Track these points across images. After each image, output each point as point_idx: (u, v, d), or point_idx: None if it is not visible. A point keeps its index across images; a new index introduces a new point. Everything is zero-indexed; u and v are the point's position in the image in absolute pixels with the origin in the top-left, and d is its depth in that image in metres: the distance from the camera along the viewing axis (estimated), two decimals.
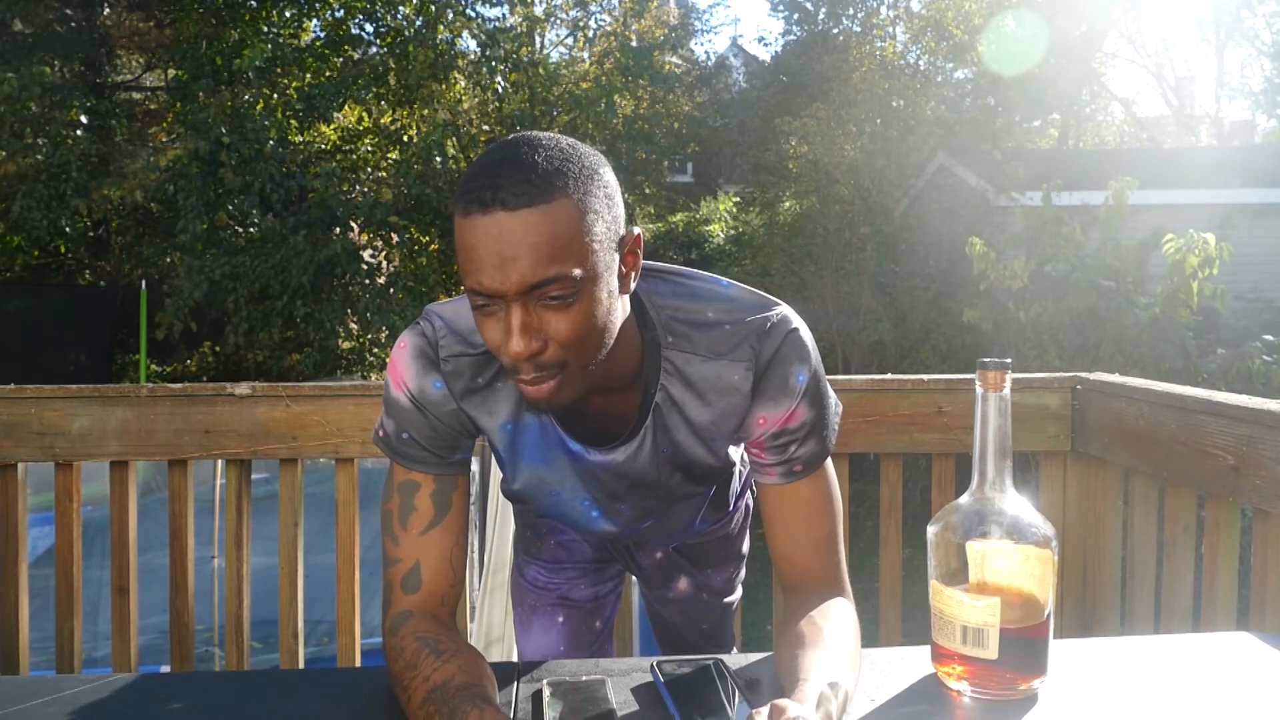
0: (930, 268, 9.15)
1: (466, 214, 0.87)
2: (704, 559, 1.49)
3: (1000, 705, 0.93)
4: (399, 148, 11.29)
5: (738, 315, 1.04)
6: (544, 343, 0.90)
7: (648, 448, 1.10)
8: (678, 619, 1.54)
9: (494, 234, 0.86)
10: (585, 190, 0.89)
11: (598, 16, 12.82)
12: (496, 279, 0.87)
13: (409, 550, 1.04)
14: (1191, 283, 4.95)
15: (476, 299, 0.90)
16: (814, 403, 1.06)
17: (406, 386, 1.05)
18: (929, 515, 1.13)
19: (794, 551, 1.10)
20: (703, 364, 1.04)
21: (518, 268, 0.86)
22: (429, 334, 1.06)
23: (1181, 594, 1.64)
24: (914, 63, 13.43)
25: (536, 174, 0.86)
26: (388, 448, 1.07)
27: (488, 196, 0.86)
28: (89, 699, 0.98)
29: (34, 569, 1.96)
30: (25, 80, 9.50)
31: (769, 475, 1.09)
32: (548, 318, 0.89)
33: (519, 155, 0.88)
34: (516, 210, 0.85)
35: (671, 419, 1.08)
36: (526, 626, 1.48)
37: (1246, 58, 33.29)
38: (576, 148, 0.92)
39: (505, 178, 0.86)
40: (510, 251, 0.86)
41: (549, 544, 1.46)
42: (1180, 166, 12.18)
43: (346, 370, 10.70)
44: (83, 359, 10.68)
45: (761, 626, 4.16)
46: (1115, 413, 1.79)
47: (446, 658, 0.93)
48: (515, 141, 0.91)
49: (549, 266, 0.87)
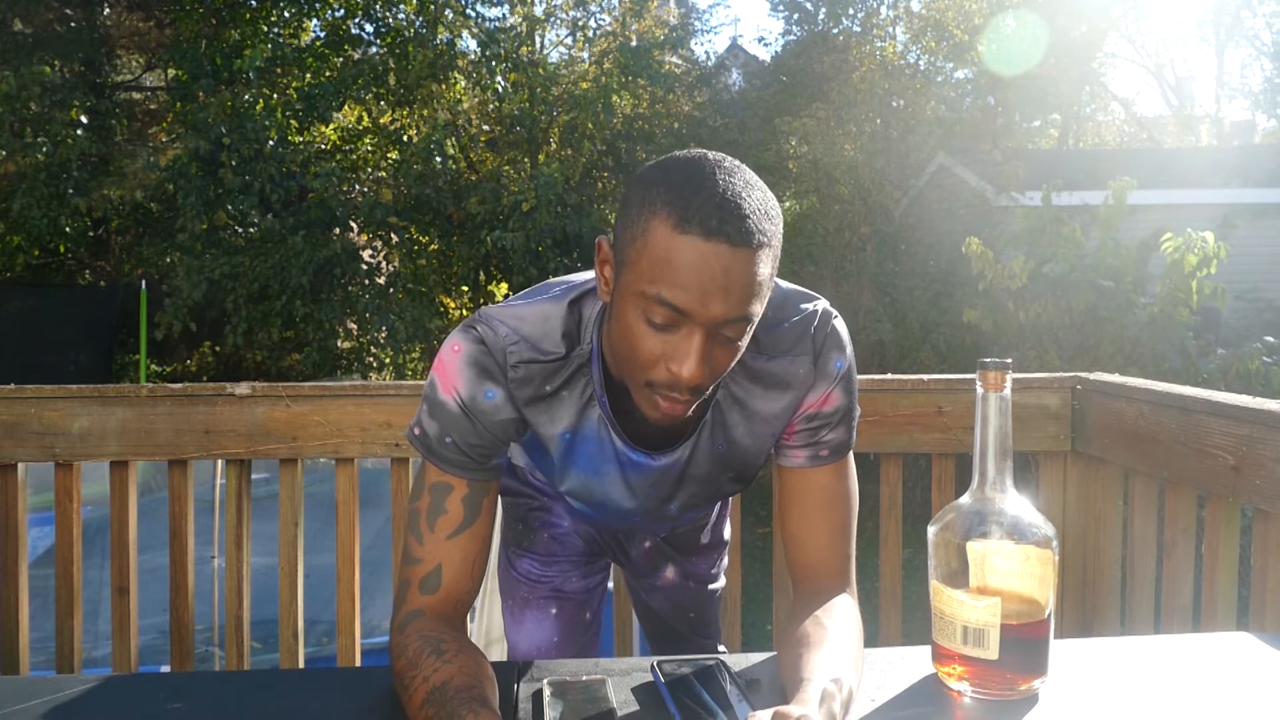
0: (930, 268, 9.15)
1: (683, 231, 0.88)
2: (690, 547, 1.52)
3: (1000, 705, 0.93)
4: (399, 148, 11.29)
5: (791, 312, 1.09)
6: (709, 371, 0.94)
7: (704, 444, 1.12)
8: (664, 607, 1.56)
9: (712, 262, 0.88)
10: (780, 237, 0.94)
11: (597, 16, 12.82)
12: (698, 304, 0.89)
13: (432, 552, 1.04)
14: (1190, 282, 4.95)
15: (661, 311, 0.91)
16: (847, 389, 1.11)
17: (457, 392, 1.04)
18: (929, 515, 1.13)
19: (809, 538, 1.11)
20: (769, 362, 1.08)
21: (726, 301, 0.89)
22: (490, 340, 1.05)
23: (1181, 594, 1.64)
24: (914, 63, 13.43)
25: (757, 217, 0.90)
26: (425, 449, 1.06)
27: (713, 224, 0.88)
28: (89, 699, 0.98)
29: (34, 569, 1.96)
30: (25, 80, 9.51)
31: (795, 457, 1.12)
32: (717, 351, 0.94)
33: (739, 190, 0.90)
34: (739, 248, 0.88)
35: (731, 416, 1.11)
36: (519, 619, 1.49)
37: (1246, 58, 33.35)
38: (769, 192, 0.95)
39: (731, 211, 0.88)
40: (723, 284, 0.89)
41: (541, 537, 1.47)
42: (1180, 166, 12.18)
43: (346, 370, 10.69)
44: (83, 359, 10.67)
45: (761, 627, 4.16)
46: (1115, 413, 1.79)
47: (448, 658, 0.93)
48: (726, 169, 0.92)
49: (746, 306, 0.91)
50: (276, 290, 9.86)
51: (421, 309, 10.18)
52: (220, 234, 10.15)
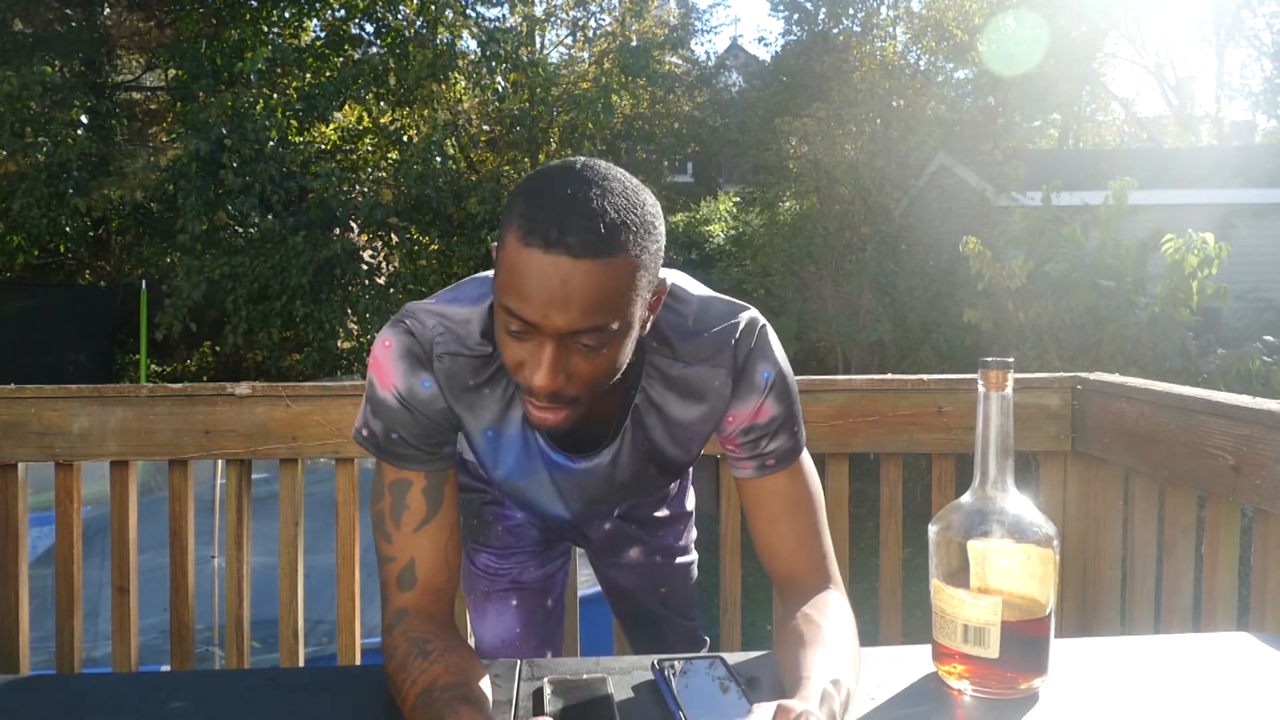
0: (930, 268, 9.16)
1: (526, 243, 0.87)
2: (649, 521, 1.52)
3: (1001, 704, 0.93)
4: (399, 148, 11.30)
5: (714, 323, 1.08)
6: (567, 379, 0.93)
7: (627, 446, 1.12)
8: (632, 583, 1.55)
9: (551, 274, 0.87)
10: (642, 247, 0.91)
11: (597, 16, 12.83)
12: (540, 315, 0.88)
13: (403, 548, 1.04)
14: (1191, 282, 4.95)
15: (512, 321, 0.91)
16: (780, 398, 1.09)
17: (395, 386, 1.05)
18: (929, 515, 1.13)
19: (779, 546, 1.11)
20: (685, 369, 1.08)
21: (566, 313, 0.88)
22: (418, 332, 1.05)
23: (1181, 594, 1.63)
24: (914, 63, 13.43)
25: (604, 225, 0.87)
26: (375, 448, 1.07)
27: (553, 235, 0.86)
28: (89, 699, 0.98)
29: (34, 569, 1.96)
30: (26, 80, 9.51)
31: (743, 469, 1.12)
32: (575, 359, 0.92)
33: (589, 199, 0.88)
34: (580, 259, 0.86)
35: (650, 418, 1.11)
36: (481, 612, 1.50)
37: (1246, 58, 33.32)
38: (640, 194, 0.93)
39: (574, 221, 0.86)
40: (563, 295, 0.87)
41: (496, 530, 1.48)
42: (1180, 166, 12.19)
43: (346, 370, 10.69)
44: (83, 359, 10.67)
45: (761, 627, 4.16)
46: (1115, 413, 1.79)
47: (433, 659, 0.94)
48: (584, 178, 0.90)
49: (594, 317, 0.89)
50: (276, 290, 9.86)
51: None
52: (220, 234, 10.14)
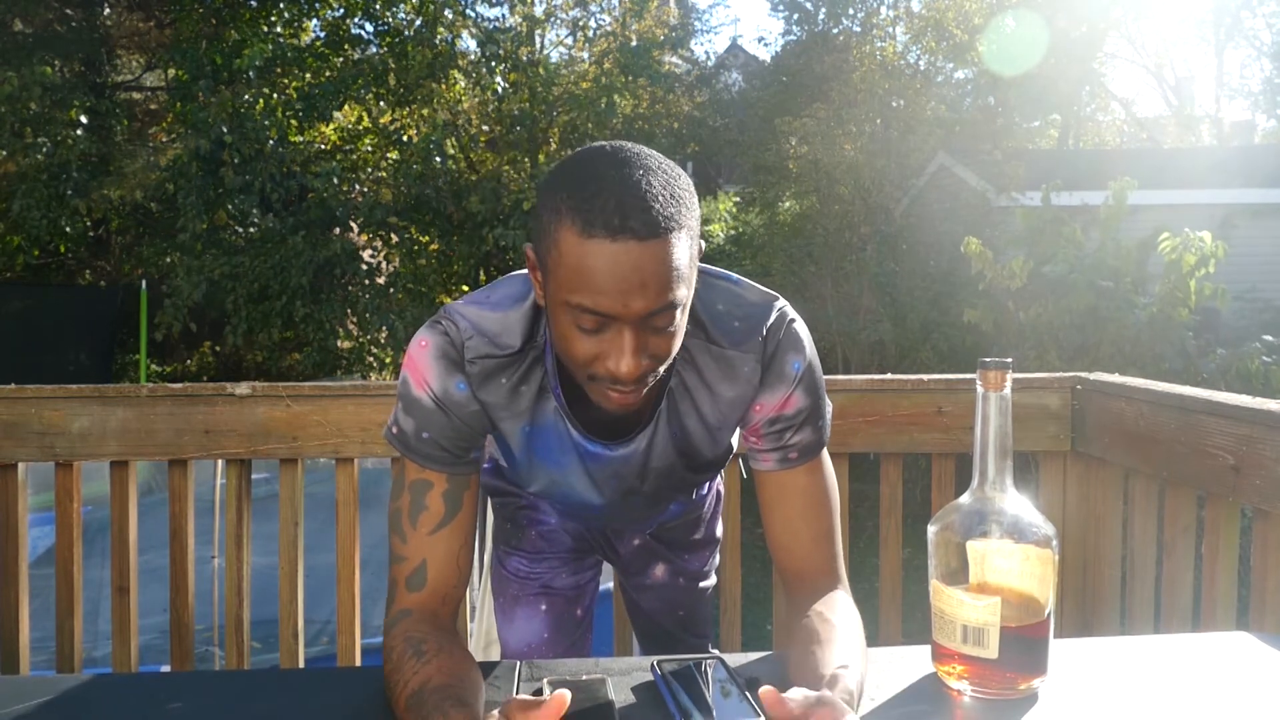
0: (930, 268, 9.15)
1: (589, 235, 0.88)
2: (680, 543, 1.52)
3: (1000, 704, 0.93)
4: (399, 148, 11.29)
5: (746, 310, 1.09)
6: (649, 360, 0.94)
7: (662, 432, 1.12)
8: (654, 605, 1.56)
9: (623, 261, 0.88)
10: (692, 215, 0.93)
11: (597, 16, 12.82)
12: (620, 305, 0.89)
13: (416, 549, 1.04)
14: (1189, 282, 4.94)
15: (586, 318, 0.91)
16: (809, 391, 1.10)
17: (429, 386, 1.05)
18: (929, 515, 1.13)
19: (793, 542, 1.11)
20: (717, 354, 1.08)
21: (645, 296, 0.89)
22: (452, 334, 1.06)
23: (1181, 594, 1.64)
24: (914, 63, 13.42)
25: (659, 203, 0.89)
26: (403, 446, 1.07)
27: (615, 223, 0.87)
28: (89, 699, 0.98)
29: (34, 569, 1.96)
30: (25, 80, 9.50)
31: (765, 461, 1.12)
32: (651, 340, 0.94)
33: (638, 181, 0.89)
34: (647, 241, 0.88)
35: (684, 405, 1.11)
36: (509, 616, 1.50)
37: (1246, 58, 33.31)
38: (672, 165, 0.95)
39: (632, 204, 0.88)
40: (639, 280, 0.88)
41: (529, 535, 1.48)
42: (1180, 166, 12.18)
43: (346, 370, 10.69)
44: (83, 359, 10.67)
45: (761, 626, 4.16)
46: (1115, 413, 1.79)
47: (427, 659, 0.94)
48: (624, 160, 0.91)
49: (668, 294, 0.90)
50: (276, 290, 9.86)
51: (422, 309, 10.17)
52: (220, 234, 10.14)
